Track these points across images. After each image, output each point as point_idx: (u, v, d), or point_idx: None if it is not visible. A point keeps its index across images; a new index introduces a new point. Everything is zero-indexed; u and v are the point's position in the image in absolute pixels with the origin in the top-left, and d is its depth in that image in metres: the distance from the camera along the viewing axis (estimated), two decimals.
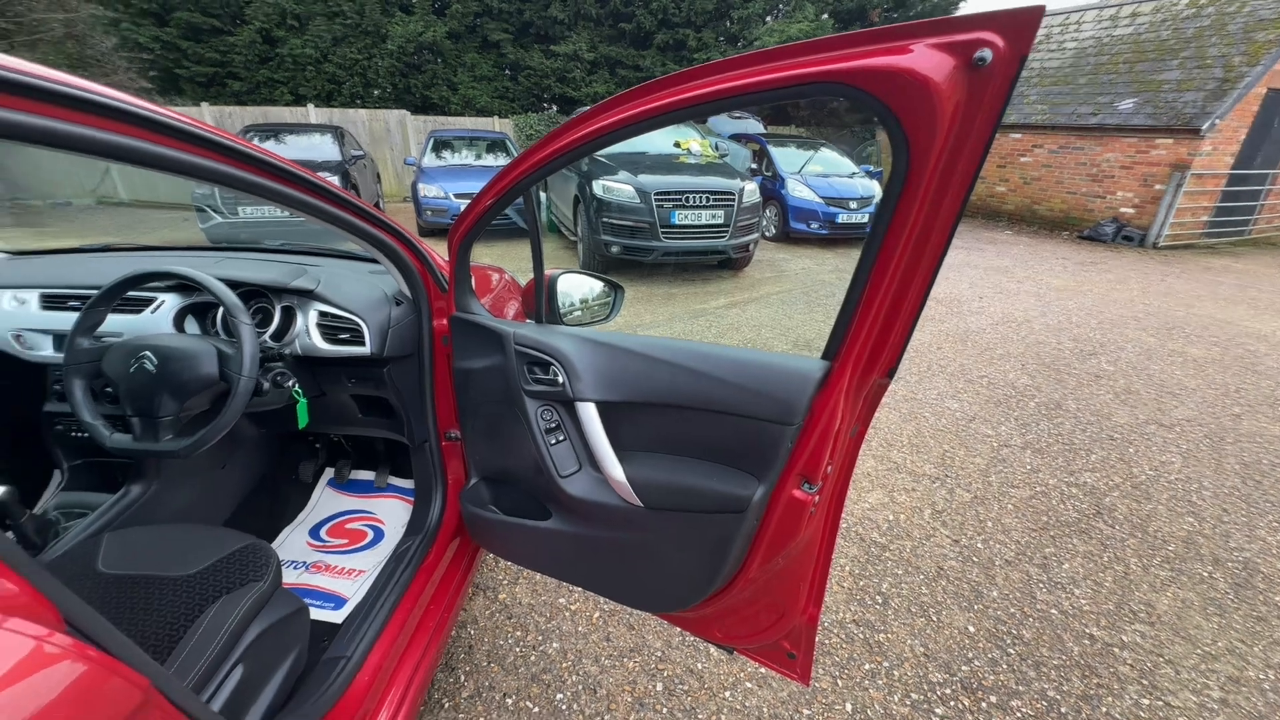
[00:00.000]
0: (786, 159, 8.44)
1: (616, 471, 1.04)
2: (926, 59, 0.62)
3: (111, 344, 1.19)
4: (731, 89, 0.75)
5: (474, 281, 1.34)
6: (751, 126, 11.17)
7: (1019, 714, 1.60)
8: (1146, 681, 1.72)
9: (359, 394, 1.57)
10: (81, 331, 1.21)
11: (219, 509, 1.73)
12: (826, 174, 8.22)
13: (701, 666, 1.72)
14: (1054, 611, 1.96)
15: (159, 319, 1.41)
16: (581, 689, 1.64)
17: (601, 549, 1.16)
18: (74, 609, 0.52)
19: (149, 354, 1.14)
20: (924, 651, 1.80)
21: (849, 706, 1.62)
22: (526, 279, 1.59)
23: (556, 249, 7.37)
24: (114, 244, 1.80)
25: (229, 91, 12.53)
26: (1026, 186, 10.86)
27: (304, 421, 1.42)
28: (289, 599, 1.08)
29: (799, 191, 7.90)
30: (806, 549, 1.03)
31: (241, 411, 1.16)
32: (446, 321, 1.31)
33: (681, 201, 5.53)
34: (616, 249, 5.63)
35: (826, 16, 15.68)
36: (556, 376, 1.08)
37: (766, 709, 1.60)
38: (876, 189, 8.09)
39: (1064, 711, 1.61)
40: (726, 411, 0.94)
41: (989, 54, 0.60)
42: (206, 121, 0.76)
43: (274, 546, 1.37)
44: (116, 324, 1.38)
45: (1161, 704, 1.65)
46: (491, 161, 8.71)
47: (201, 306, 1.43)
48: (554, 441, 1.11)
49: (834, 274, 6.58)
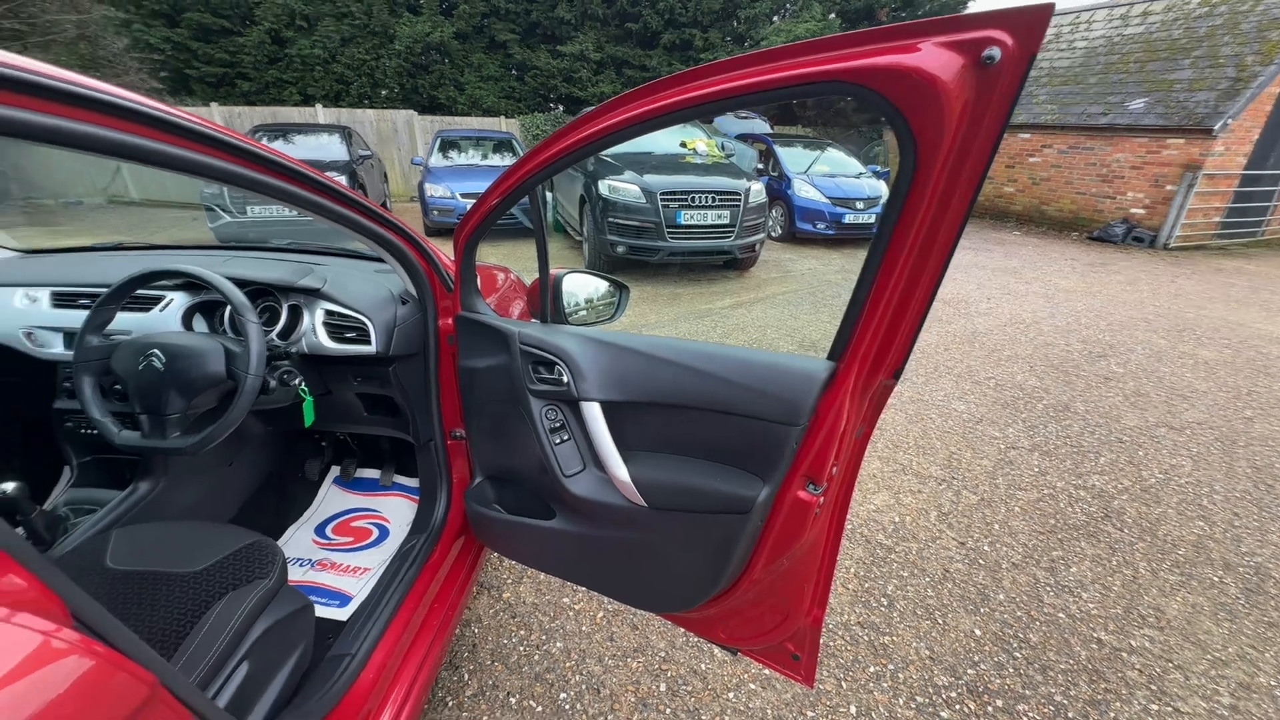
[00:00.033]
0: (793, 159, 8.41)
1: (621, 471, 1.04)
2: (934, 58, 0.61)
3: (121, 342, 1.20)
4: (737, 88, 0.75)
5: (479, 281, 1.35)
6: (758, 126, 11.13)
7: (1025, 719, 1.59)
8: (1155, 687, 1.70)
9: (365, 392, 1.57)
10: (91, 329, 1.22)
11: (226, 506, 1.75)
12: (833, 174, 8.19)
13: (705, 667, 1.72)
14: (1061, 615, 1.95)
15: (167, 317, 1.42)
16: (585, 689, 1.64)
17: (606, 549, 1.16)
18: (82, 604, 0.52)
19: (157, 352, 1.15)
20: (929, 654, 1.78)
21: (853, 709, 1.61)
22: (532, 278, 1.59)
23: (562, 249, 7.38)
24: (124, 243, 1.81)
25: (238, 92, 12.62)
26: (1035, 187, 10.78)
27: (310, 420, 1.43)
28: (294, 596, 1.09)
29: (805, 192, 7.87)
30: (811, 550, 1.02)
31: (248, 409, 1.17)
32: (452, 321, 1.32)
33: (687, 201, 5.52)
34: (622, 249, 5.62)
35: (834, 16, 15.59)
36: (561, 376, 1.08)
37: (770, 711, 1.59)
38: (883, 189, 8.05)
39: (1071, 717, 1.60)
40: (731, 412, 0.94)
41: (997, 52, 0.59)
42: (216, 121, 0.77)
43: (280, 544, 1.38)
44: (126, 322, 1.39)
45: (1171, 710, 1.63)
46: (498, 161, 8.73)
47: (209, 305, 1.45)
48: (558, 441, 1.11)
49: (840, 274, 6.55)
